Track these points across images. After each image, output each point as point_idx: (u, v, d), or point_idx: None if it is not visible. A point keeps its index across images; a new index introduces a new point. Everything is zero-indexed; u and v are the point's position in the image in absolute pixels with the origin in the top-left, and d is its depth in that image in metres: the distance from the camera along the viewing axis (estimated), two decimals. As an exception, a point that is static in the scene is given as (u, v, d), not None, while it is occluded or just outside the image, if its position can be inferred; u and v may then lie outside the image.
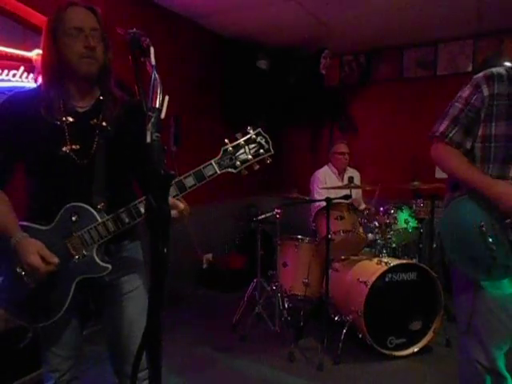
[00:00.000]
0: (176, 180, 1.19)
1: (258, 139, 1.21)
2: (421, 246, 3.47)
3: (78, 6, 1.30)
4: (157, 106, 0.91)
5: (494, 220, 1.46)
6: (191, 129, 3.96)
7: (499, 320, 1.52)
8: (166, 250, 0.88)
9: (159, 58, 1.00)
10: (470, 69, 4.31)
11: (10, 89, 2.57)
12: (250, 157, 1.20)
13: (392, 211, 3.18)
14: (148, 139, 0.87)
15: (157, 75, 0.94)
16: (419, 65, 4.60)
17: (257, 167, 1.23)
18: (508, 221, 1.45)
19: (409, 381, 2.58)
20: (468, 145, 1.53)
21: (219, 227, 4.51)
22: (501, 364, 1.56)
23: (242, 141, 1.21)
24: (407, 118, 4.64)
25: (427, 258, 3.37)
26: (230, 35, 4.36)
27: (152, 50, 1.00)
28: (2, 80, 2.52)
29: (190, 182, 1.21)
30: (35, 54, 2.72)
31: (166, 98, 0.94)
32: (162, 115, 0.92)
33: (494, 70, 1.52)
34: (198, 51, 4.21)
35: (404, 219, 3.20)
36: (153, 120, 0.88)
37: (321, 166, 3.82)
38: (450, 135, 1.52)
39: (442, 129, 1.55)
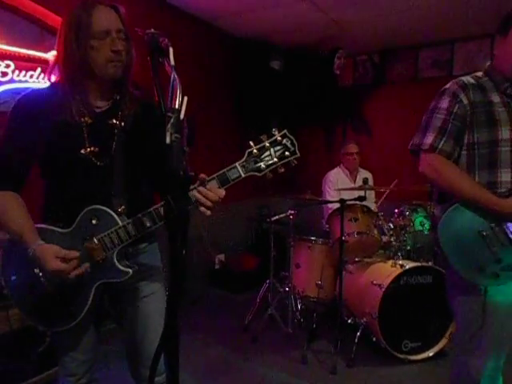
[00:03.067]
0: (199, 183, 1.15)
1: (284, 141, 1.18)
2: (436, 248, 3.41)
3: (103, 5, 1.25)
4: (176, 106, 0.90)
5: (493, 223, 1.45)
6: (204, 129, 3.96)
7: (508, 328, 1.50)
8: (184, 252, 0.88)
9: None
10: (487, 69, 4.22)
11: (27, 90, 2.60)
12: (275, 159, 1.18)
13: (407, 213, 3.14)
14: (167, 140, 0.86)
15: (176, 75, 0.94)
16: (435, 65, 4.52)
17: (282, 170, 1.19)
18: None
19: (424, 386, 2.54)
20: (456, 154, 1.53)
21: (231, 228, 4.50)
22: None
23: (267, 143, 1.17)
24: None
25: (443, 260, 3.31)
26: (244, 36, 4.35)
27: (171, 50, 0.99)
28: (20, 81, 2.55)
29: (213, 185, 1.16)
30: (52, 55, 2.75)
31: (185, 98, 0.93)
32: (181, 116, 0.91)
33: (464, 78, 1.54)
34: (211, 52, 4.21)
35: (419, 221, 3.15)
36: (172, 121, 0.88)
37: (334, 167, 3.80)
38: (440, 146, 1.50)
39: (429, 141, 1.52)
